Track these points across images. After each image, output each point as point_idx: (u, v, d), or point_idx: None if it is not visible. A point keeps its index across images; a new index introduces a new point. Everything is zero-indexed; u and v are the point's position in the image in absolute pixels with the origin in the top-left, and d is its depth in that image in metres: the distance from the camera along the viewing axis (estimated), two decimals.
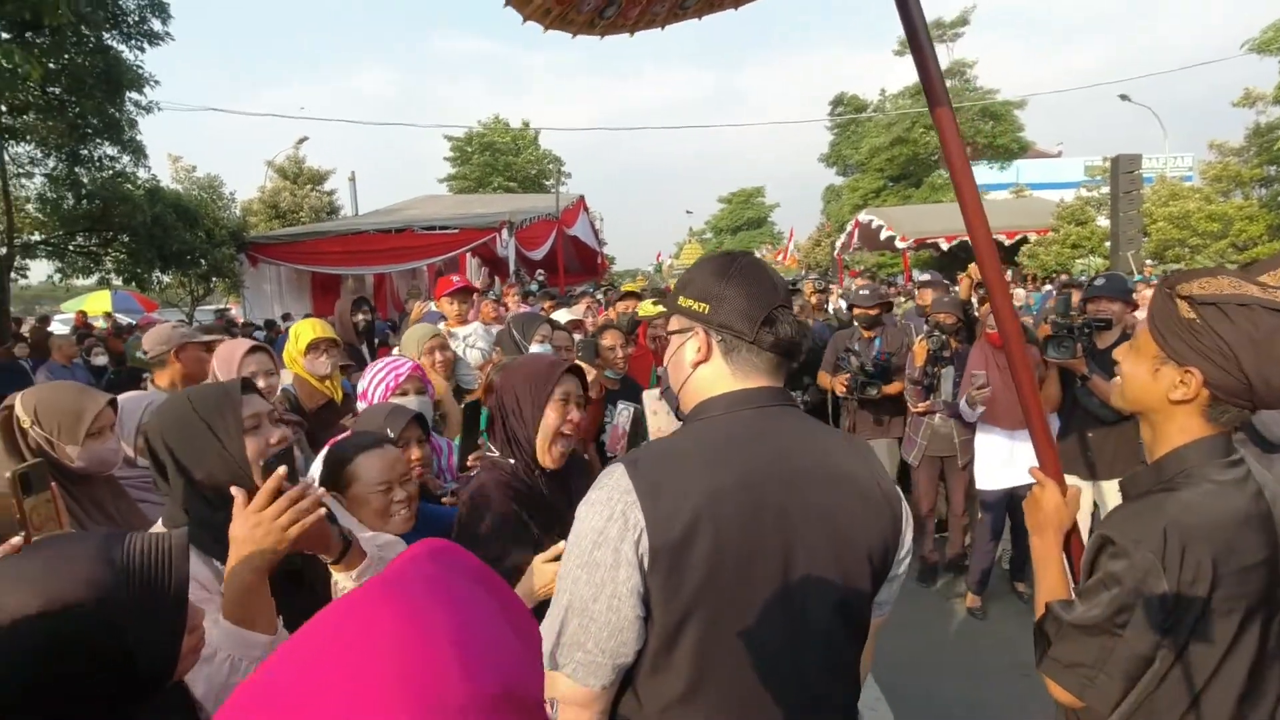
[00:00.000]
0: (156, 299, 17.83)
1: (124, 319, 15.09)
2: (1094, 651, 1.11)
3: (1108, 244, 12.97)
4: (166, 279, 14.86)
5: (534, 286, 11.49)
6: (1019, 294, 10.76)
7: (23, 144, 12.06)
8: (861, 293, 4.65)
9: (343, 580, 1.37)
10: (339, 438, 1.82)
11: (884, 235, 21.07)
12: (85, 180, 12.15)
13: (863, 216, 22.86)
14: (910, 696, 3.31)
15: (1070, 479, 3.53)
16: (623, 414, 3.07)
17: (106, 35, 11.45)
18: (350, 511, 1.61)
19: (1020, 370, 1.35)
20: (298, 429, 2.71)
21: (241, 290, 14.40)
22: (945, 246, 20.26)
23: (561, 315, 4.83)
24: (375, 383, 2.34)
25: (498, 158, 34.54)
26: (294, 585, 1.39)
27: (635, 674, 1.05)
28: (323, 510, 1.22)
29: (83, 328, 12.01)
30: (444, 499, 2.24)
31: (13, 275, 11.87)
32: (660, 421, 1.57)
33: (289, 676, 0.37)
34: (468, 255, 13.80)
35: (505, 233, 13.77)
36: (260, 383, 2.39)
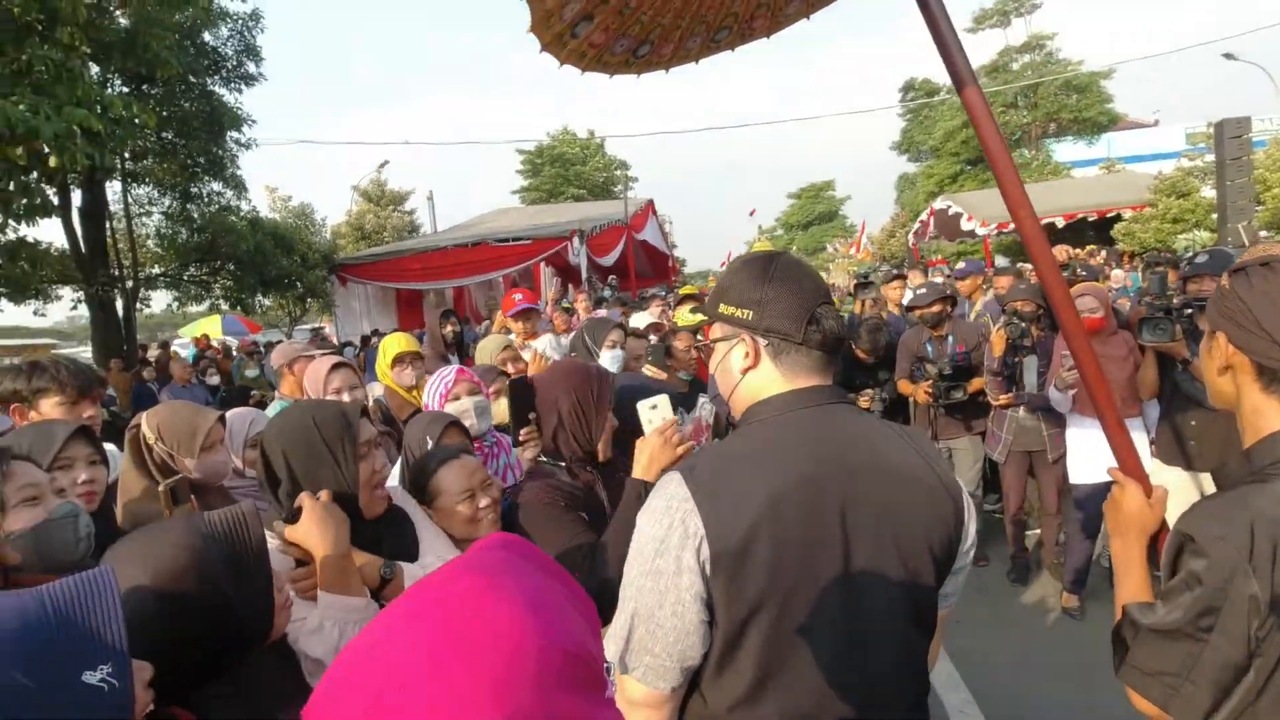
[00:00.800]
0: (259, 321, 19.17)
1: (231, 341, 16.33)
2: (1178, 658, 1.04)
3: (1215, 216, 12.00)
4: (267, 302, 15.95)
5: (606, 293, 11.68)
6: (1116, 275, 10.10)
7: (142, 186, 13.32)
8: (919, 292, 4.51)
9: None
10: (426, 453, 1.94)
11: (962, 222, 20.20)
12: (196, 215, 13.25)
13: (938, 203, 21.96)
14: (1002, 699, 3.20)
15: (1173, 470, 3.34)
16: (705, 408, 3.14)
17: (209, 81, 12.46)
18: (439, 523, 1.72)
19: (1084, 362, 1.31)
20: (387, 437, 2.91)
21: (333, 309, 15.30)
22: None
23: (641, 319, 4.91)
24: (432, 394, 2.49)
25: (568, 168, 35.31)
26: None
27: (701, 675, 1.06)
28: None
29: (205, 349, 13.08)
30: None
31: (138, 305, 13.06)
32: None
33: (384, 633, 0.45)
34: (541, 265, 14.18)
35: (576, 241, 14.06)
36: (345, 397, 2.59)
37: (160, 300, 14.66)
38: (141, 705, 0.82)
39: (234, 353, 12.88)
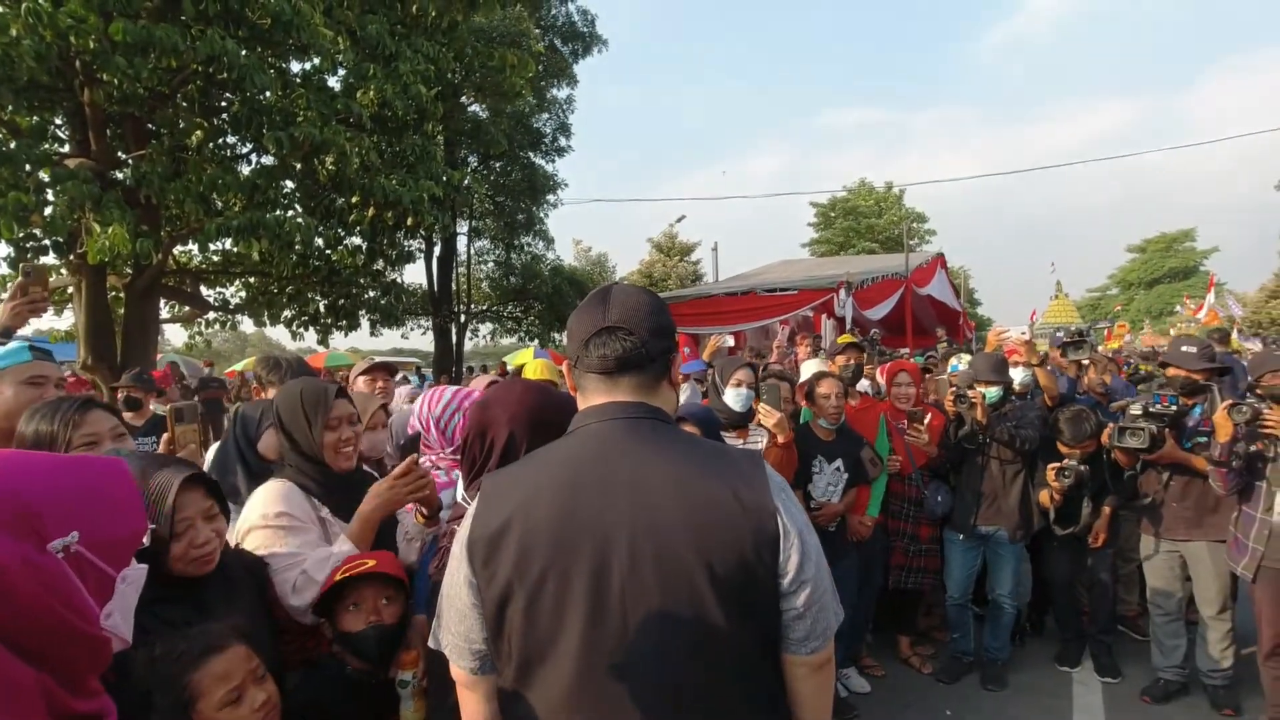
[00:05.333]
0: (561, 353, 22.36)
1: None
2: None
3: None
4: (561, 338, 18.56)
5: (863, 343, 11.30)
6: None
7: (481, 240, 16.70)
8: (1185, 350, 3.58)
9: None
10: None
11: None
12: (515, 263, 16.15)
13: None
14: None
15: None
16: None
17: (531, 154, 15.24)
18: None
19: None
20: None
21: None
22: None
23: (811, 365, 4.82)
24: None
25: (860, 221, 34.59)
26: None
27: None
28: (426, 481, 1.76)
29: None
30: None
31: (467, 335, 16.29)
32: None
33: None
34: (822, 315, 14.27)
35: (843, 292, 13.87)
36: None
37: (482, 332, 18.05)
38: None
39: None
